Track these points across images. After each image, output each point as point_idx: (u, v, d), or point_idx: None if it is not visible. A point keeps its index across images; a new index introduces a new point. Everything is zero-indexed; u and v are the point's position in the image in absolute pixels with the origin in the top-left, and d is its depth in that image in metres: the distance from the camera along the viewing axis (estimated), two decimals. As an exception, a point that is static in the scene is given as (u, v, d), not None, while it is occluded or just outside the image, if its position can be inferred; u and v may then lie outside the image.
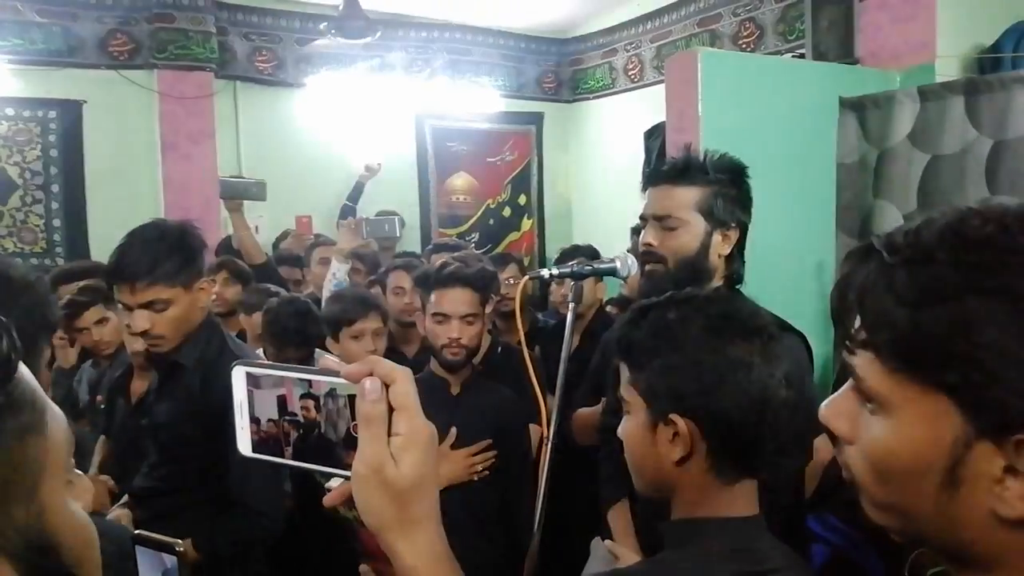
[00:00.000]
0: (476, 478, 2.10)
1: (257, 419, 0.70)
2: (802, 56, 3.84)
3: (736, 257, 1.72)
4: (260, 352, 2.66)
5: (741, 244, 1.73)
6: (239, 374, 0.70)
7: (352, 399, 0.65)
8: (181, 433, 1.89)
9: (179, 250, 1.87)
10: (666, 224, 1.67)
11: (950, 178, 2.66)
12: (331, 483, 0.71)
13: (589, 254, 3.18)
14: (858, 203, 2.94)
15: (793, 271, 2.77)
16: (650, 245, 1.69)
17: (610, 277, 1.93)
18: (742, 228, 1.71)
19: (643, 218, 1.75)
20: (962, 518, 0.58)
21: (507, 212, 6.21)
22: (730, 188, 1.68)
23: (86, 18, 4.77)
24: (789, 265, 2.73)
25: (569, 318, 1.80)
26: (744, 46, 4.72)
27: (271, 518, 1.89)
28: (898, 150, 2.81)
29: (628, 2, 5.56)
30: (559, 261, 3.22)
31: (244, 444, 0.71)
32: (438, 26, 5.78)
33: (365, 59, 5.52)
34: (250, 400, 0.70)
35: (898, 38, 3.21)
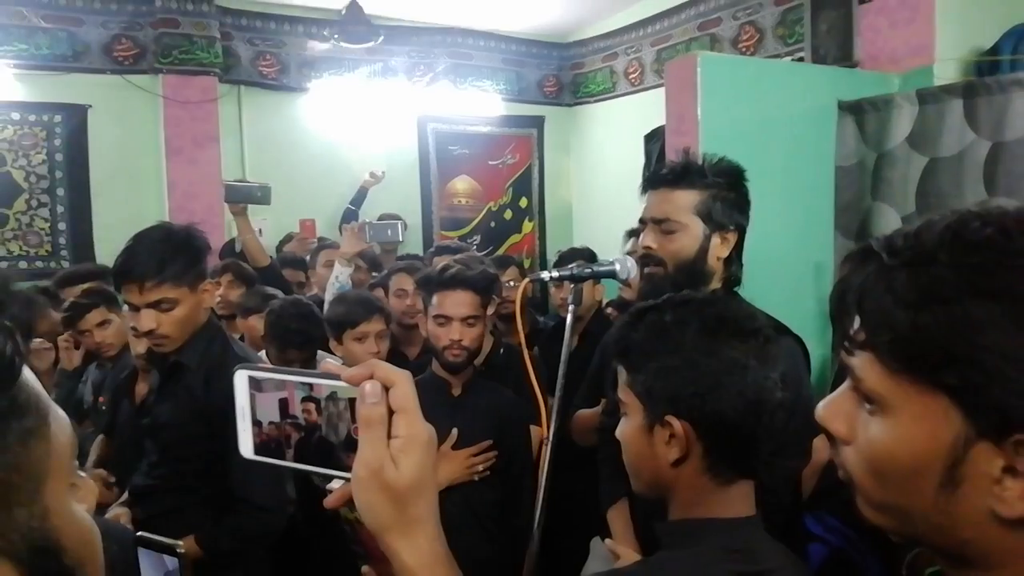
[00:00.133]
0: (477, 478, 2.11)
1: (259, 422, 0.71)
2: (801, 59, 3.85)
3: (734, 260, 1.73)
4: (263, 355, 2.67)
5: (739, 247, 1.73)
6: (241, 378, 0.71)
7: (353, 402, 0.66)
8: (183, 432, 1.91)
9: (185, 251, 1.91)
10: (665, 227, 1.68)
11: (948, 180, 2.66)
12: (332, 484, 0.71)
13: (587, 256, 3.18)
14: (856, 205, 2.95)
15: (792, 273, 2.78)
16: (649, 248, 1.70)
17: (609, 279, 1.94)
18: (740, 231, 1.72)
19: (642, 221, 1.76)
20: (960, 518, 0.58)
21: (508, 215, 6.22)
22: (728, 191, 1.69)
23: (91, 23, 4.79)
24: (788, 267, 2.73)
25: (568, 320, 1.80)
26: (744, 49, 4.72)
27: (274, 514, 1.91)
28: (896, 153, 2.82)
29: (628, 6, 5.56)
30: (557, 264, 3.22)
31: (246, 446, 0.72)
32: (440, 31, 5.78)
33: (368, 63, 5.53)
34: (252, 403, 0.71)
35: (897, 41, 3.22)
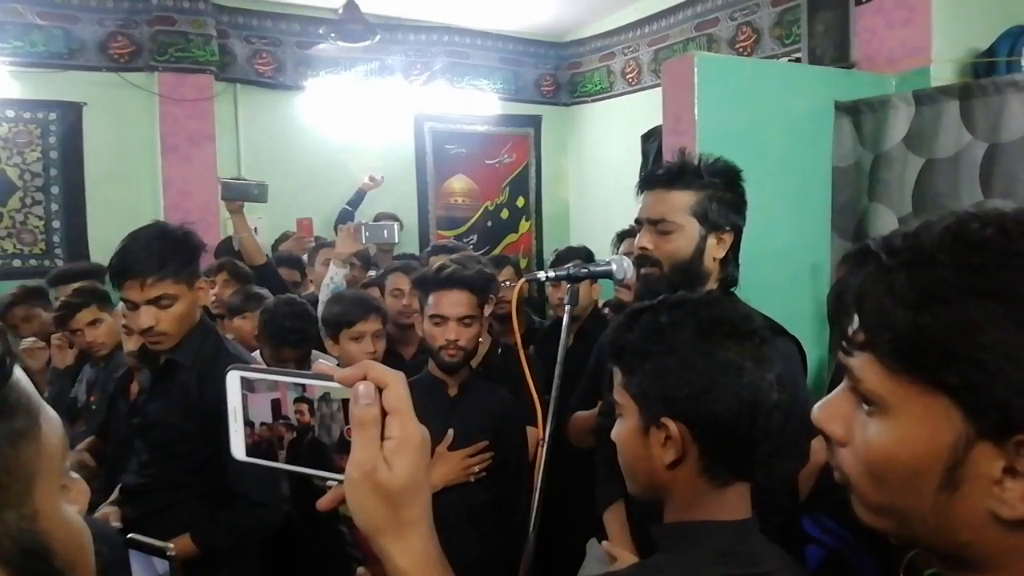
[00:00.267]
0: (473, 479, 2.10)
1: (251, 423, 0.70)
2: (798, 60, 3.84)
3: (731, 260, 1.72)
4: (257, 355, 2.66)
5: (736, 247, 1.73)
6: (233, 378, 0.70)
7: (346, 403, 0.66)
8: (176, 430, 1.92)
9: (184, 248, 1.94)
10: (661, 228, 1.67)
11: (945, 181, 2.67)
12: (331, 482, 0.70)
13: (584, 255, 3.16)
14: (853, 206, 2.95)
15: (789, 274, 2.78)
16: (645, 249, 1.69)
17: (605, 279, 1.93)
18: (737, 231, 1.71)
19: (638, 222, 1.75)
20: (960, 519, 0.58)
21: (505, 214, 6.21)
22: (724, 192, 1.69)
23: (87, 20, 4.77)
24: (785, 268, 2.73)
25: (565, 320, 1.80)
26: (741, 50, 4.72)
27: (270, 509, 1.92)
28: (893, 154, 2.82)
29: (626, 6, 5.56)
30: (554, 263, 3.21)
31: (238, 448, 0.71)
32: (437, 29, 5.77)
33: (364, 62, 5.52)
34: (244, 404, 0.70)
35: (894, 42, 3.22)
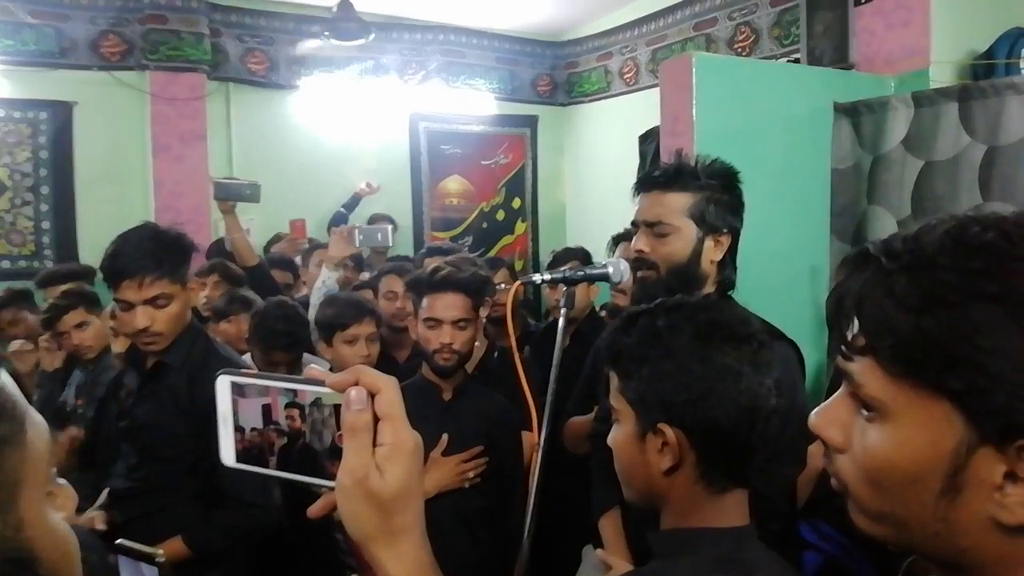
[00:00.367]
0: (467, 485, 2.08)
1: (241, 428, 0.69)
2: (797, 61, 3.83)
3: (728, 263, 1.71)
4: (247, 358, 2.63)
5: (733, 250, 1.71)
6: (224, 383, 0.69)
7: (338, 408, 0.65)
8: (167, 433, 1.91)
9: (177, 248, 1.95)
10: (657, 230, 1.65)
11: (944, 184, 2.66)
12: (323, 489, 0.70)
13: (581, 256, 3.15)
14: (852, 208, 2.94)
15: (787, 276, 2.77)
16: (642, 252, 1.67)
17: (602, 281, 1.91)
18: (734, 234, 1.70)
19: (634, 224, 1.74)
20: (960, 526, 0.58)
21: (501, 215, 6.19)
22: (722, 193, 1.67)
23: (78, 19, 4.75)
24: (783, 270, 2.72)
25: (560, 323, 1.78)
26: (740, 50, 4.71)
27: (264, 509, 1.92)
28: (892, 156, 2.81)
29: (623, 5, 5.55)
30: (551, 264, 3.19)
31: (228, 454, 0.70)
32: (432, 28, 5.75)
33: (359, 61, 5.50)
34: (235, 409, 0.69)
35: (893, 43, 3.21)
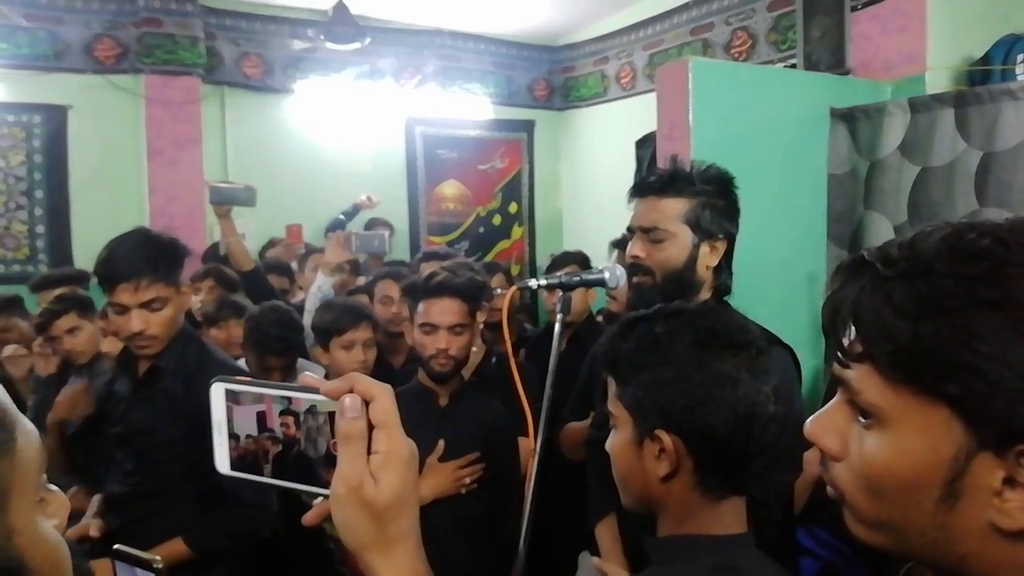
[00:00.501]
0: (464, 491, 2.07)
1: (236, 435, 0.69)
2: (794, 66, 3.84)
3: (724, 268, 1.71)
4: (242, 362, 2.62)
5: (729, 255, 1.71)
6: (218, 391, 0.69)
7: (332, 416, 0.64)
8: (164, 437, 1.90)
9: (172, 252, 1.94)
10: (653, 236, 1.65)
11: (940, 190, 2.66)
12: (318, 500, 0.69)
13: (579, 260, 3.14)
14: (849, 214, 2.94)
15: (784, 282, 2.76)
16: (637, 258, 1.67)
17: (598, 287, 1.90)
18: (730, 239, 1.70)
19: (630, 230, 1.73)
20: (958, 532, 0.58)
21: (497, 220, 6.19)
22: (717, 199, 1.67)
23: (73, 22, 4.74)
24: (780, 276, 2.72)
25: (556, 328, 1.77)
26: (736, 55, 4.72)
27: (264, 509, 1.91)
28: (888, 161, 2.81)
29: (620, 10, 5.55)
30: (550, 268, 3.19)
31: (222, 461, 0.70)
32: (429, 32, 5.75)
33: (355, 65, 5.49)
34: (229, 416, 0.69)
35: (889, 49, 3.22)
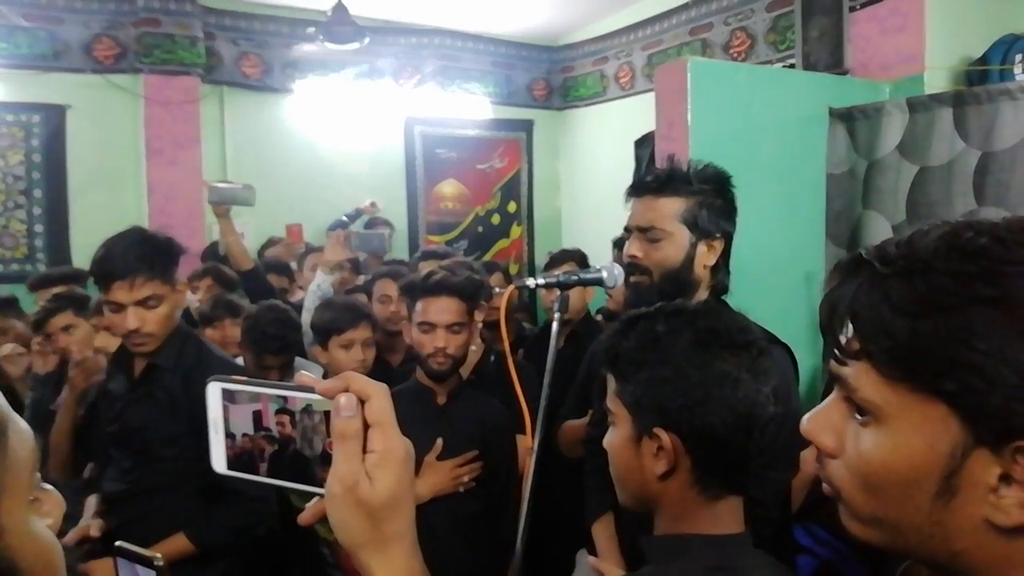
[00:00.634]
0: (461, 489, 2.07)
1: (232, 435, 0.69)
2: (792, 66, 3.84)
3: (721, 267, 1.71)
4: (240, 361, 2.62)
5: (726, 254, 1.71)
6: (214, 390, 0.69)
7: (328, 415, 0.64)
8: (163, 434, 1.91)
9: (167, 251, 1.95)
10: (650, 236, 1.65)
11: (938, 189, 2.67)
12: (312, 502, 0.69)
13: (578, 258, 3.15)
14: (848, 214, 2.95)
15: (782, 281, 2.76)
16: (635, 257, 1.67)
17: (596, 286, 1.90)
18: (727, 238, 1.70)
19: (627, 230, 1.73)
20: (954, 528, 0.58)
21: (496, 219, 6.19)
22: (714, 198, 1.67)
23: (72, 22, 4.74)
24: (778, 275, 2.72)
25: (554, 328, 1.77)
26: (735, 55, 4.72)
27: (265, 503, 1.92)
28: (887, 161, 2.82)
29: (620, 10, 5.55)
30: (547, 266, 3.20)
31: (219, 461, 0.69)
32: (428, 32, 5.75)
33: (354, 65, 5.49)
34: (225, 416, 0.69)
35: (887, 49, 3.22)
